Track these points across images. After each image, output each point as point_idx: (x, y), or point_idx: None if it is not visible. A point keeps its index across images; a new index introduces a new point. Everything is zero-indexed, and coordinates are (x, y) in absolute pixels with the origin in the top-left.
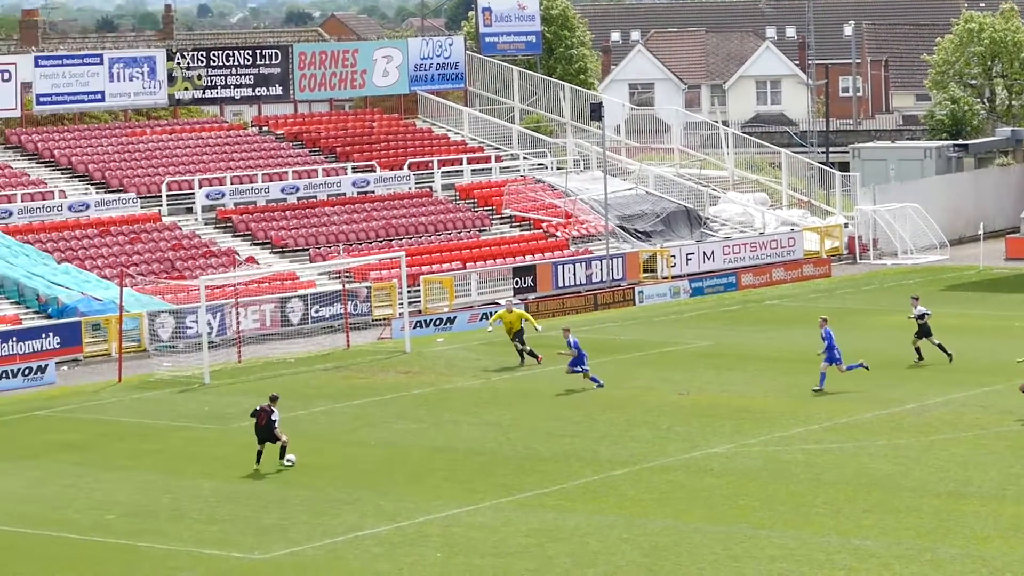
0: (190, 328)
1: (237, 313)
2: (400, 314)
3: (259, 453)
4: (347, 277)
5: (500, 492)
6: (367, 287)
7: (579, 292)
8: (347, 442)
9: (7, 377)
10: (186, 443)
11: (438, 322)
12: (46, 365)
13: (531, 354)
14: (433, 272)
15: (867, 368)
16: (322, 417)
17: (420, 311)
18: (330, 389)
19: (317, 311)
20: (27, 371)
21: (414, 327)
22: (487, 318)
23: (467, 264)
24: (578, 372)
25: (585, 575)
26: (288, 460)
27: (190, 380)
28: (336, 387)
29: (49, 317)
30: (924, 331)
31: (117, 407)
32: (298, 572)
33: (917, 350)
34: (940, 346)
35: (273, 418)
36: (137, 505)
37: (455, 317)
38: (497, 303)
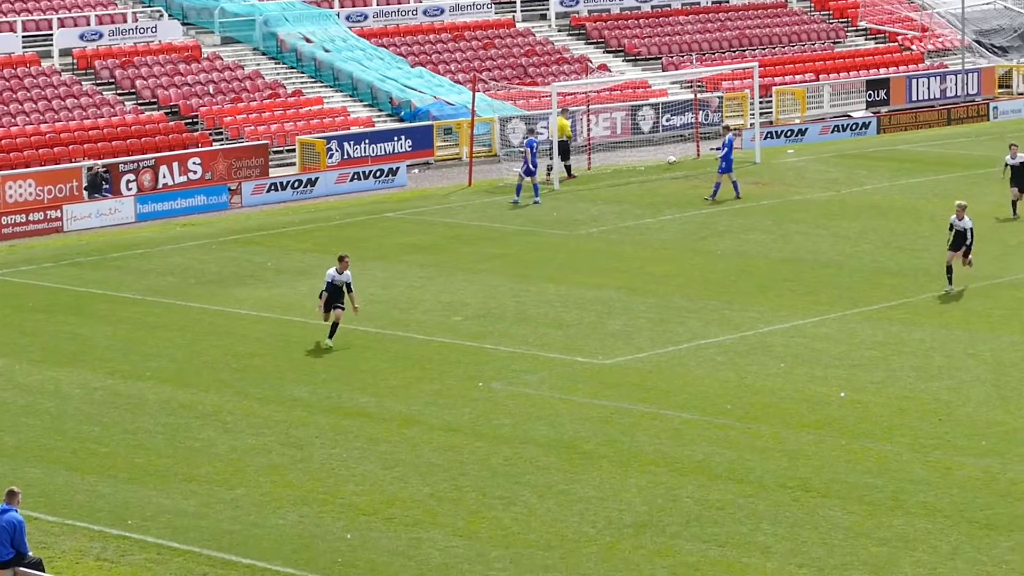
0: (540, 134)
1: (588, 120)
2: (751, 124)
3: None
4: (699, 87)
5: (846, 304)
6: (719, 97)
7: (932, 106)
8: (694, 251)
9: (359, 179)
10: (533, 248)
11: (789, 133)
12: (397, 168)
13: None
14: (786, 83)
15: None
16: (670, 225)
17: (771, 122)
18: (679, 198)
19: (668, 120)
20: (379, 173)
21: (765, 138)
22: (839, 131)
23: (820, 76)
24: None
25: (929, 388)
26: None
27: (540, 185)
28: (685, 196)
29: (401, 120)
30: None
31: (466, 211)
32: (641, 378)
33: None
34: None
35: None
36: (483, 308)
37: (806, 129)
38: (849, 115)
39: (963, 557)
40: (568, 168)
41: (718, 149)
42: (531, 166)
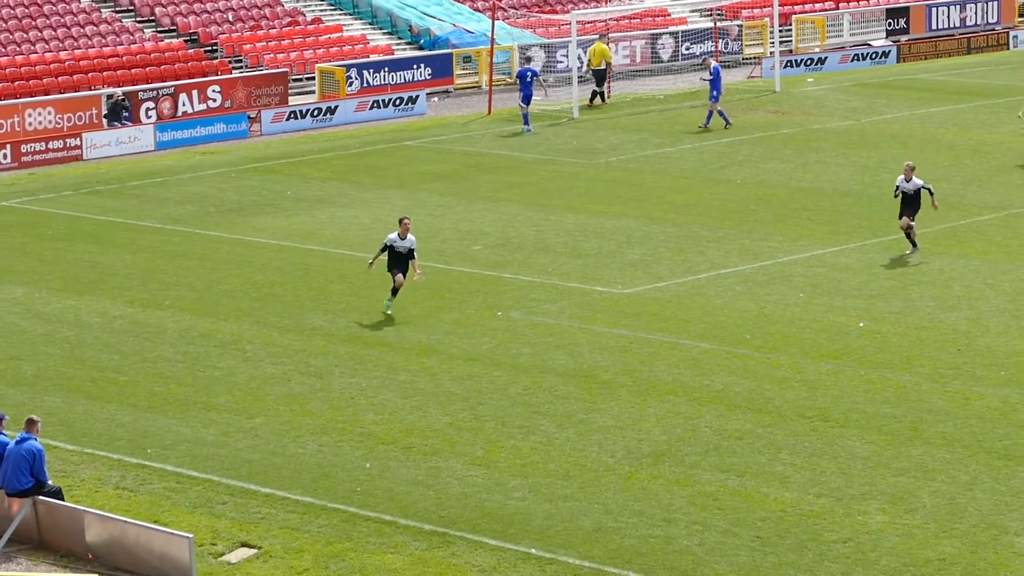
0: (560, 62)
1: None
2: (771, 53)
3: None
4: (719, 15)
5: (865, 234)
6: (738, 25)
7: (952, 35)
8: (714, 180)
9: (379, 107)
10: (552, 176)
11: (809, 62)
12: (417, 96)
13: (599, 96)
14: (805, 11)
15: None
16: (690, 154)
17: (791, 50)
18: (698, 127)
19: (688, 48)
20: (398, 101)
21: (784, 66)
22: (859, 60)
23: (840, 4)
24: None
25: (948, 319)
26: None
27: (558, 114)
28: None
29: (421, 48)
30: None
31: (485, 139)
32: (660, 307)
33: None
34: None
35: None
36: (503, 237)
37: (826, 57)
38: (869, 44)
39: (981, 487)
40: (596, 95)
41: (705, 80)
42: (531, 94)
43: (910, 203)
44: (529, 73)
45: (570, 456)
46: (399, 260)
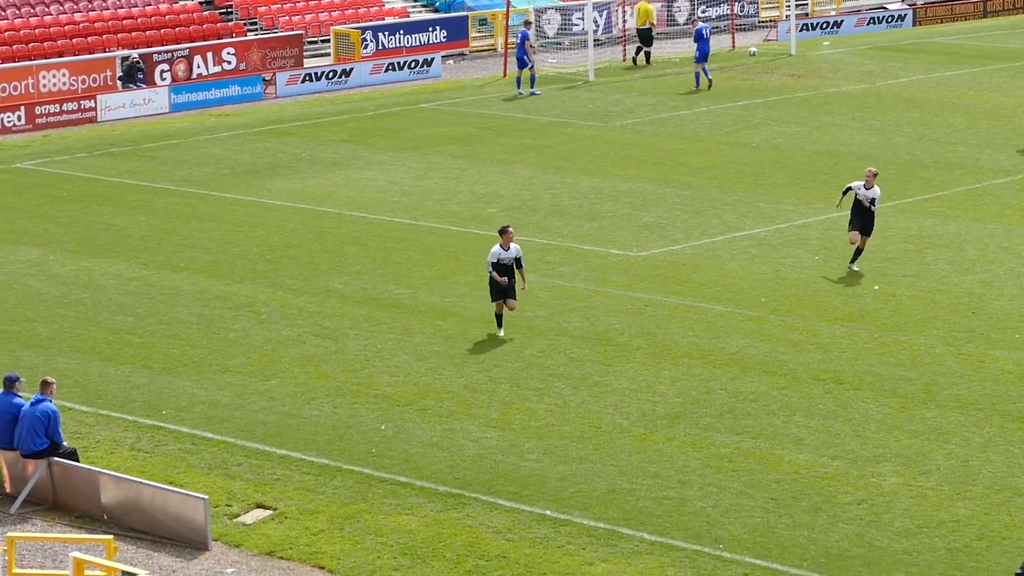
0: (576, 25)
1: (623, 11)
2: (787, 16)
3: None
4: None
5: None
6: None
7: None
8: (729, 143)
9: (394, 70)
10: (568, 139)
11: (825, 25)
12: (432, 59)
13: (646, 55)
14: None
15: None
16: (705, 117)
17: (807, 13)
18: (713, 90)
19: (703, 11)
20: (414, 64)
21: (800, 29)
22: (875, 23)
23: None
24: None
25: (963, 282)
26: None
27: (574, 77)
28: (720, 88)
29: (436, 11)
30: None
31: (500, 102)
32: (675, 270)
33: None
34: None
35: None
36: (518, 199)
37: (842, 20)
38: (885, 7)
39: (995, 449)
40: (644, 53)
41: (696, 41)
42: (522, 58)
43: (862, 215)
44: (520, 36)
45: (585, 418)
46: (506, 275)
